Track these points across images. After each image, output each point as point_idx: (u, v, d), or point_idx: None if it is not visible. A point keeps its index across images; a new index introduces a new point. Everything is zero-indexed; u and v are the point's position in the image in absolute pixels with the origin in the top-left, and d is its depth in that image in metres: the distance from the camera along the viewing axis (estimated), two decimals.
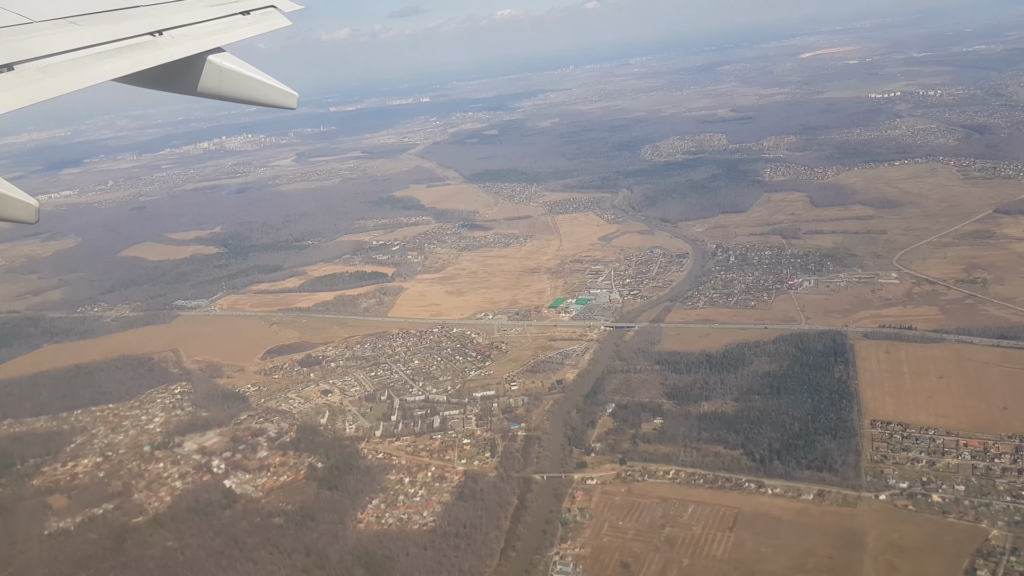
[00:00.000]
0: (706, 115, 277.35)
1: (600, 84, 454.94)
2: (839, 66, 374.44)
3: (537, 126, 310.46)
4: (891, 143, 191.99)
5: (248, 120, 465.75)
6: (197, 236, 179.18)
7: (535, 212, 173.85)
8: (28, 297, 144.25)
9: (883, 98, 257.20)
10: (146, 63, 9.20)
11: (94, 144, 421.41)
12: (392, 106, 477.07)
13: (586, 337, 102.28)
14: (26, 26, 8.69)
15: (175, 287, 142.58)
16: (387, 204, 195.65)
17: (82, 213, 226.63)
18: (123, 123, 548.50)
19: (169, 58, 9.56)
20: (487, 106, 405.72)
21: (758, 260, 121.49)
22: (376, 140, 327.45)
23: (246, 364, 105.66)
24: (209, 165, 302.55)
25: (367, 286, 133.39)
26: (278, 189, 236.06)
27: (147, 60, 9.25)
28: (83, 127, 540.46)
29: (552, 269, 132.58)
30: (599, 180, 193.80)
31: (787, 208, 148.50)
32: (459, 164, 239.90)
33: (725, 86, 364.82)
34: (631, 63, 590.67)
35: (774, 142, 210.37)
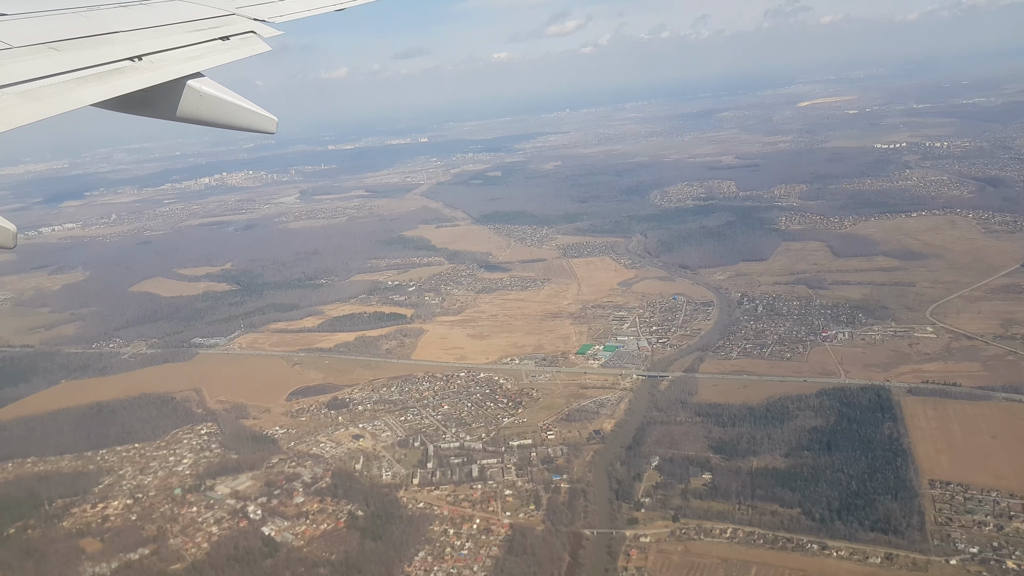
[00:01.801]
0: (711, 161, 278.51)
1: (599, 128, 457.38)
2: (839, 115, 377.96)
3: (540, 168, 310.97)
4: (904, 194, 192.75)
5: (248, 156, 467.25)
6: (208, 272, 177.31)
7: (549, 255, 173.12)
8: (41, 331, 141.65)
9: (889, 148, 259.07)
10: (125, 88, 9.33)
11: (93, 177, 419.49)
12: (391, 145, 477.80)
13: (619, 386, 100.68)
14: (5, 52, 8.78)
15: (191, 324, 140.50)
16: (398, 244, 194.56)
17: (87, 247, 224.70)
18: (120, 156, 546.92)
19: (148, 83, 9.71)
20: (487, 147, 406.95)
21: (787, 310, 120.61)
22: (378, 179, 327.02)
23: (271, 405, 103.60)
24: (211, 200, 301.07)
25: (387, 327, 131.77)
26: (285, 226, 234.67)
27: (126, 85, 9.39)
28: (80, 160, 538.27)
29: (574, 314, 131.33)
30: (611, 224, 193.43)
31: (808, 257, 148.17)
32: (466, 205, 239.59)
33: (726, 133, 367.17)
34: (627, 108, 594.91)
35: (785, 190, 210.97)
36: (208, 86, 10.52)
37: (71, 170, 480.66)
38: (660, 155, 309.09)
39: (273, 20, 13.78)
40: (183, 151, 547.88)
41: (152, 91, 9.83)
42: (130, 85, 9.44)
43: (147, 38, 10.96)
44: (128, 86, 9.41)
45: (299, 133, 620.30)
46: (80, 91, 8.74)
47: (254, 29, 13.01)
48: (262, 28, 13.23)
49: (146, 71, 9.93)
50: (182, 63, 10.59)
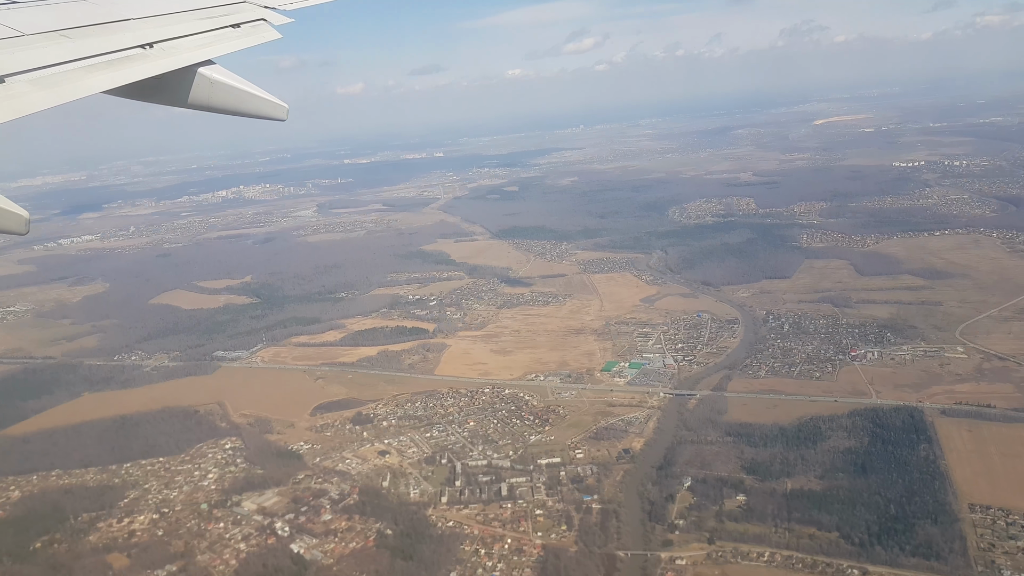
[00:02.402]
0: (729, 178, 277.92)
1: (613, 144, 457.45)
2: (855, 134, 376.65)
3: (557, 184, 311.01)
4: (926, 212, 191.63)
5: (264, 170, 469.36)
6: (228, 285, 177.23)
7: (569, 270, 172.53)
8: (62, 343, 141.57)
9: (908, 167, 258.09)
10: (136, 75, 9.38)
11: (110, 189, 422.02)
12: (406, 160, 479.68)
13: (646, 404, 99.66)
14: (17, 39, 8.88)
15: (212, 337, 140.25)
16: (417, 258, 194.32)
17: (107, 258, 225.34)
18: (137, 169, 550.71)
19: (159, 70, 9.74)
20: (503, 162, 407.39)
21: (814, 329, 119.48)
22: (395, 193, 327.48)
23: (295, 420, 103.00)
24: (229, 213, 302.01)
25: (409, 342, 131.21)
26: (304, 240, 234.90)
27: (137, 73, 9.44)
28: (97, 172, 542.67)
29: (598, 330, 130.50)
30: (631, 240, 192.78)
31: (832, 276, 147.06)
32: (484, 220, 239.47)
33: (742, 150, 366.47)
34: (642, 124, 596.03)
35: (805, 208, 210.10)
36: (219, 73, 10.56)
37: (88, 182, 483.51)
38: (677, 171, 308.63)
39: (283, 7, 13.92)
40: (199, 164, 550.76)
41: (163, 78, 9.88)
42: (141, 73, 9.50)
43: (158, 26, 11.08)
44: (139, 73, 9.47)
45: (315, 147, 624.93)
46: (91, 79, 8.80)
47: (265, 16, 13.13)
48: (272, 15, 13.36)
49: (157, 59, 10.01)
50: (193, 50, 10.68)
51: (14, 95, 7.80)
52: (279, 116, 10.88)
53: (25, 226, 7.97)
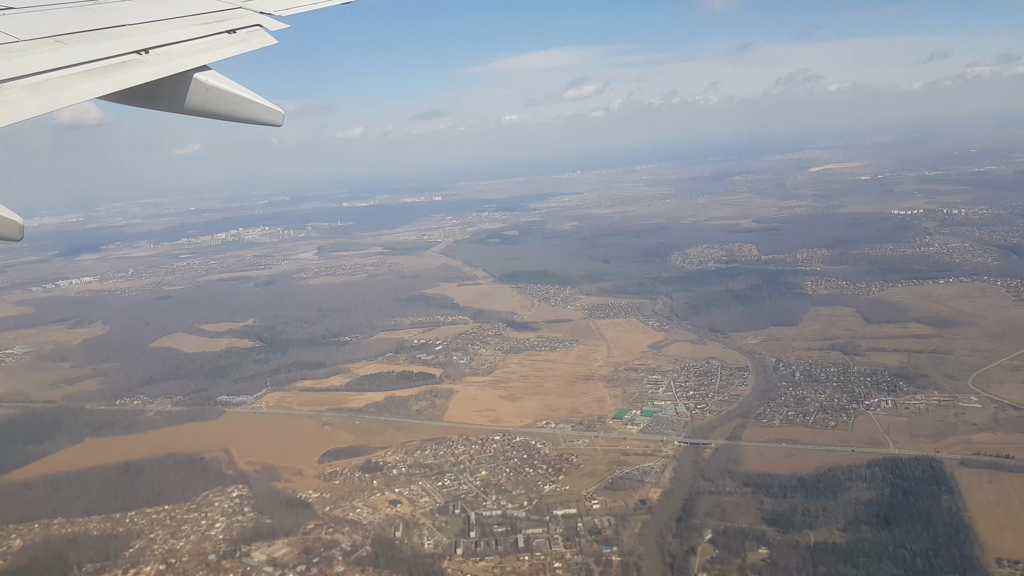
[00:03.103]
0: (729, 225, 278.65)
1: (611, 189, 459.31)
2: (852, 181, 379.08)
3: (557, 228, 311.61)
4: (928, 260, 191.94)
5: (263, 212, 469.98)
6: (230, 328, 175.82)
7: (574, 316, 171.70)
8: (62, 386, 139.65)
9: (907, 215, 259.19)
10: (132, 81, 9.39)
11: (108, 231, 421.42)
12: (405, 203, 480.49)
13: (661, 453, 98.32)
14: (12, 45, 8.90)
15: (216, 381, 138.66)
16: (420, 302, 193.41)
17: (106, 300, 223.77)
18: (135, 211, 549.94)
19: (155, 76, 9.78)
20: (502, 207, 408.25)
21: (825, 377, 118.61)
22: (395, 236, 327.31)
23: (303, 467, 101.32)
24: (229, 256, 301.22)
25: (416, 387, 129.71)
26: (305, 283, 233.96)
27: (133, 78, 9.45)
28: (95, 213, 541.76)
29: (607, 376, 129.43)
30: (635, 286, 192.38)
31: (839, 323, 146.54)
32: (486, 263, 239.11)
33: (740, 196, 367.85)
34: (638, 170, 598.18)
35: (807, 255, 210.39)
36: (215, 79, 10.56)
37: (86, 223, 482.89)
38: (676, 217, 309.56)
39: (279, 13, 13.94)
40: (197, 206, 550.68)
41: (159, 84, 9.88)
42: (136, 78, 9.51)
43: (154, 31, 11.12)
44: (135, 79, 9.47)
45: (313, 190, 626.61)
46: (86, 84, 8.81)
47: (260, 23, 13.17)
48: (268, 21, 13.40)
49: (152, 64, 10.04)
50: (189, 56, 10.75)
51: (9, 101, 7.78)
52: (275, 121, 10.89)
53: (19, 232, 7.89)
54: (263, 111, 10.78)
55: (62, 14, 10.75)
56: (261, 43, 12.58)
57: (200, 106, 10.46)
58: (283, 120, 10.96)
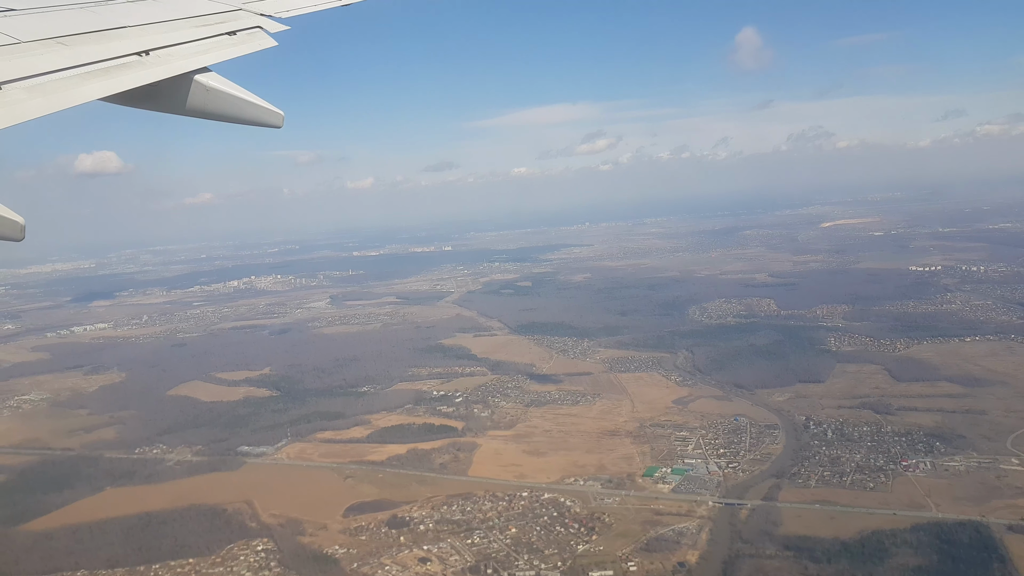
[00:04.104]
0: (744, 279, 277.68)
1: (621, 242, 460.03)
2: (865, 237, 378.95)
3: (570, 280, 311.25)
4: (952, 318, 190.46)
5: (274, 260, 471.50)
6: (247, 377, 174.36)
7: (594, 369, 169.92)
8: (80, 434, 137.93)
9: (925, 271, 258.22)
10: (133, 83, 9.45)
11: (120, 278, 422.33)
12: (415, 253, 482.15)
13: (695, 513, 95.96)
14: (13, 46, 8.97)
15: (235, 431, 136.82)
16: (437, 352, 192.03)
17: (121, 347, 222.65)
18: (146, 258, 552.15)
19: (155, 78, 9.84)
20: (513, 257, 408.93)
21: (858, 436, 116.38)
22: (407, 286, 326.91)
23: (328, 521, 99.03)
24: (242, 304, 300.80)
25: (438, 440, 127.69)
26: (320, 331, 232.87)
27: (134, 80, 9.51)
28: (106, 260, 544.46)
29: (632, 432, 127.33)
30: (654, 339, 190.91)
31: (867, 381, 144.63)
32: (501, 314, 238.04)
33: (752, 251, 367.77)
34: (647, 223, 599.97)
35: (827, 310, 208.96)
36: (215, 80, 10.59)
37: (98, 270, 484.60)
38: (690, 271, 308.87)
39: (279, 15, 13.96)
40: (208, 254, 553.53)
41: (159, 86, 9.93)
42: (137, 80, 9.57)
43: (154, 33, 11.16)
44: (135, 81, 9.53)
45: (323, 239, 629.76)
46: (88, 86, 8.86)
47: (261, 24, 13.24)
48: (268, 23, 13.45)
49: (153, 66, 10.09)
50: (189, 58, 10.80)
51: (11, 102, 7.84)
52: (275, 123, 10.88)
53: (21, 232, 7.83)
54: (263, 112, 10.80)
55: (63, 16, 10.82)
56: (261, 45, 12.68)
57: (200, 107, 10.51)
58: (283, 122, 10.93)
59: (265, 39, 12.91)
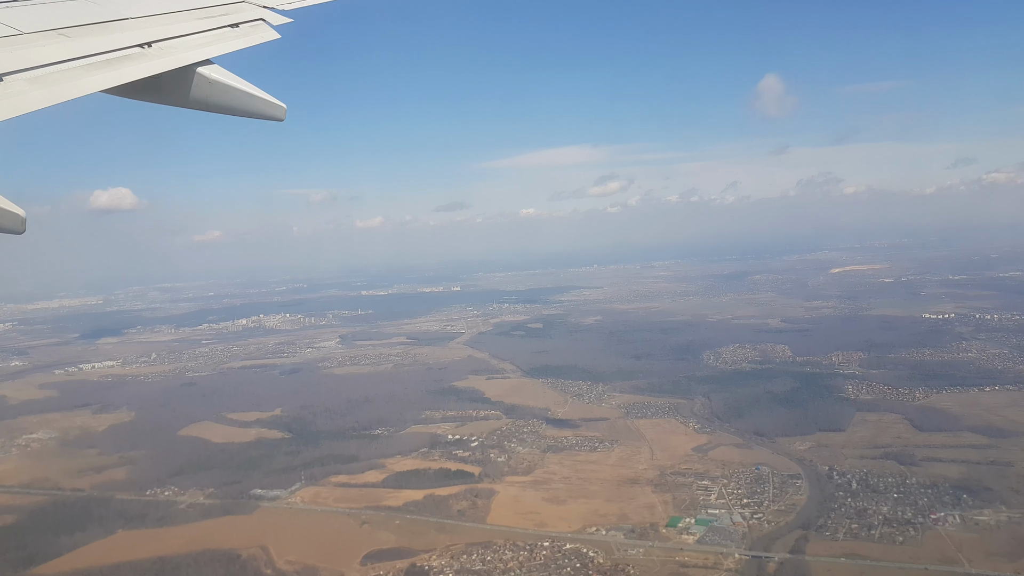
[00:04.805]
0: (757, 324, 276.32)
1: (630, 284, 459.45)
2: (875, 283, 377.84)
3: (581, 322, 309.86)
4: (969, 366, 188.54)
5: (282, 299, 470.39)
6: (258, 418, 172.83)
7: (610, 414, 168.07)
8: (91, 474, 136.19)
9: (939, 319, 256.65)
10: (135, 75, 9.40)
11: (128, 315, 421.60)
12: (423, 293, 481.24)
13: (722, 566, 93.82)
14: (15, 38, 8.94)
15: (247, 473, 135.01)
16: (451, 395, 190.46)
17: (130, 385, 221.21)
18: (154, 295, 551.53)
19: (158, 70, 9.80)
20: (522, 299, 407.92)
21: (884, 487, 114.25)
22: (417, 326, 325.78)
23: (345, 569, 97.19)
24: (251, 343, 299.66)
25: (455, 486, 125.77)
26: (331, 372, 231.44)
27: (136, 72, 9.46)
28: (114, 296, 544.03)
29: (653, 481, 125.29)
30: (669, 384, 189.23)
31: (889, 430, 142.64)
32: (513, 357, 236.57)
33: (763, 295, 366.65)
34: (656, 266, 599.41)
35: (843, 357, 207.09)
36: (217, 73, 10.55)
37: (105, 307, 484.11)
38: (702, 315, 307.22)
39: (282, 7, 13.97)
40: (216, 292, 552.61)
41: (161, 78, 9.91)
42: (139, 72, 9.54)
43: (157, 25, 11.17)
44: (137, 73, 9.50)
45: (331, 278, 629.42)
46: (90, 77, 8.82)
47: (263, 17, 13.23)
48: (271, 15, 13.44)
49: (155, 58, 10.09)
50: (192, 50, 10.77)
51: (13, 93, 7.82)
52: (277, 115, 10.85)
53: (22, 225, 7.76)
54: (265, 105, 10.74)
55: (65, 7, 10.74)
56: (264, 37, 12.64)
57: (203, 99, 10.46)
58: (285, 114, 10.89)
59: (268, 31, 12.93)
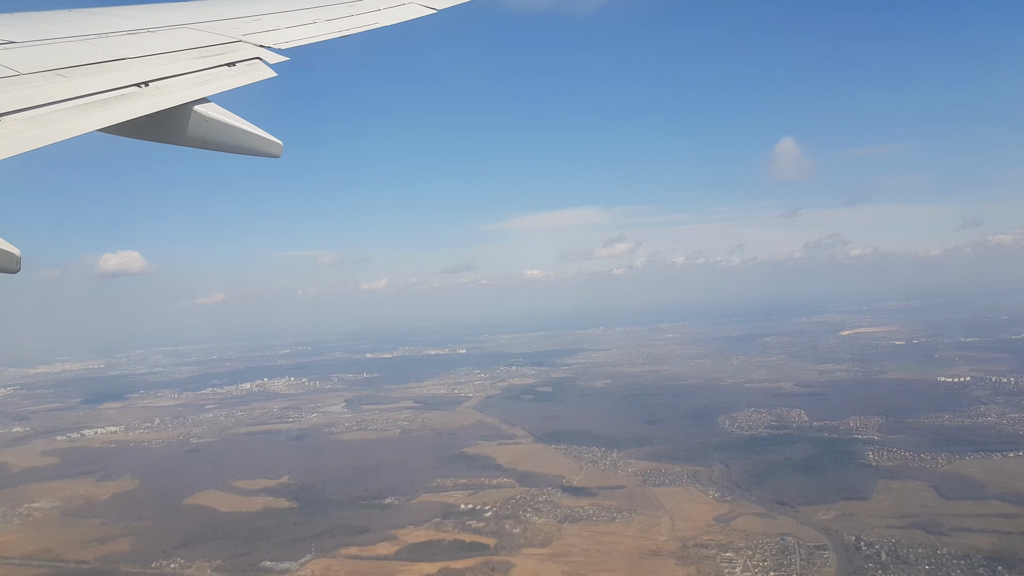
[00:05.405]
0: (770, 388, 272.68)
1: (639, 347, 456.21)
2: (886, 346, 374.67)
3: (591, 386, 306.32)
4: (990, 432, 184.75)
5: (286, 362, 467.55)
6: (265, 486, 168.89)
7: (627, 482, 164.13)
8: (94, 545, 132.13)
9: (955, 382, 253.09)
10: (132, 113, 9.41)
11: (131, 379, 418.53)
12: (429, 355, 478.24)
13: None
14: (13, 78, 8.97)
15: (256, 544, 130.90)
16: (461, 461, 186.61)
17: (133, 452, 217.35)
18: (156, 358, 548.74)
19: (154, 108, 9.80)
20: (530, 361, 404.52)
21: (914, 559, 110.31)
22: (424, 390, 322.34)
23: None
24: (255, 407, 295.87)
25: (471, 559, 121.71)
26: (338, 437, 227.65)
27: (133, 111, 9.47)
28: (116, 360, 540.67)
29: (676, 553, 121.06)
30: (686, 451, 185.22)
31: (914, 498, 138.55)
32: (524, 422, 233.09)
33: (774, 358, 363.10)
34: (663, 327, 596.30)
35: (860, 422, 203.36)
36: (214, 111, 10.51)
37: (108, 370, 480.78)
38: (713, 379, 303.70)
39: (278, 46, 13.87)
40: (219, 355, 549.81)
41: (158, 116, 9.85)
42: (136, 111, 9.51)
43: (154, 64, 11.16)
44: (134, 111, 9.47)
45: (335, 340, 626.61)
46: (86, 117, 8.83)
47: (260, 56, 13.17)
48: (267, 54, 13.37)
49: (152, 97, 10.08)
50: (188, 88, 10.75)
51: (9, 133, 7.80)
52: (274, 152, 10.75)
53: (17, 264, 7.59)
54: (262, 142, 10.64)
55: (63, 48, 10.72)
56: (260, 75, 12.54)
57: (200, 138, 10.40)
58: (281, 151, 10.74)
59: (264, 70, 12.84)
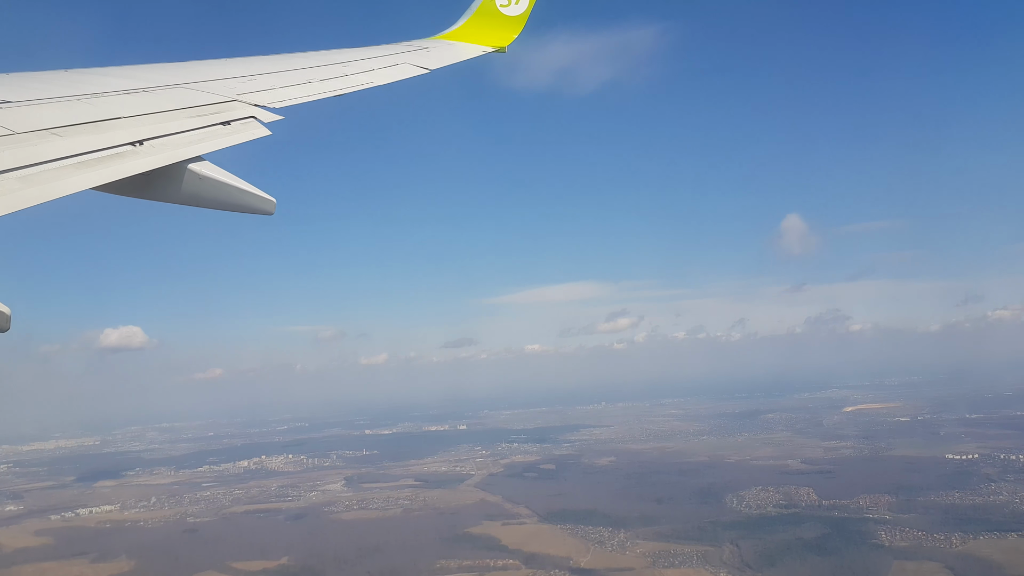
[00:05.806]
0: (777, 465, 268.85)
1: (642, 424, 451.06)
2: (891, 422, 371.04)
3: (595, 463, 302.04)
4: (1004, 510, 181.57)
5: (283, 439, 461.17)
6: (264, 568, 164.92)
7: (636, 563, 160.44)
8: None
9: (963, 460, 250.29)
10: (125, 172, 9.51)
11: (126, 456, 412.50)
12: (429, 431, 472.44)
13: None
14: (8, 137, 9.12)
15: None
16: (466, 542, 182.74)
17: (129, 532, 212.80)
18: (152, 435, 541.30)
19: (148, 167, 9.88)
20: (531, 438, 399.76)
21: None
22: (424, 467, 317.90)
23: None
24: (253, 485, 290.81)
25: None
26: (338, 517, 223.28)
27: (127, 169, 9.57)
28: (111, 437, 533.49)
29: None
30: (695, 531, 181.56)
31: None
32: (528, 500, 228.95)
33: (779, 435, 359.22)
34: (665, 403, 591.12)
35: (870, 501, 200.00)
36: (208, 169, 10.57)
37: (103, 447, 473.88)
38: (719, 456, 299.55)
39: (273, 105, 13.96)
40: (216, 431, 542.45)
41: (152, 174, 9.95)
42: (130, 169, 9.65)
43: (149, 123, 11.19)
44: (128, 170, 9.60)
45: (333, 416, 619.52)
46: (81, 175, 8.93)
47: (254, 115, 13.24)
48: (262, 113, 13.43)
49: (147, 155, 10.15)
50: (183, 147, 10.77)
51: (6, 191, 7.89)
52: (267, 210, 10.67)
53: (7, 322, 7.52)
54: (256, 200, 10.65)
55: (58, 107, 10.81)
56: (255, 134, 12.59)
57: (194, 195, 10.42)
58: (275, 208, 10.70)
59: (259, 128, 12.87)
